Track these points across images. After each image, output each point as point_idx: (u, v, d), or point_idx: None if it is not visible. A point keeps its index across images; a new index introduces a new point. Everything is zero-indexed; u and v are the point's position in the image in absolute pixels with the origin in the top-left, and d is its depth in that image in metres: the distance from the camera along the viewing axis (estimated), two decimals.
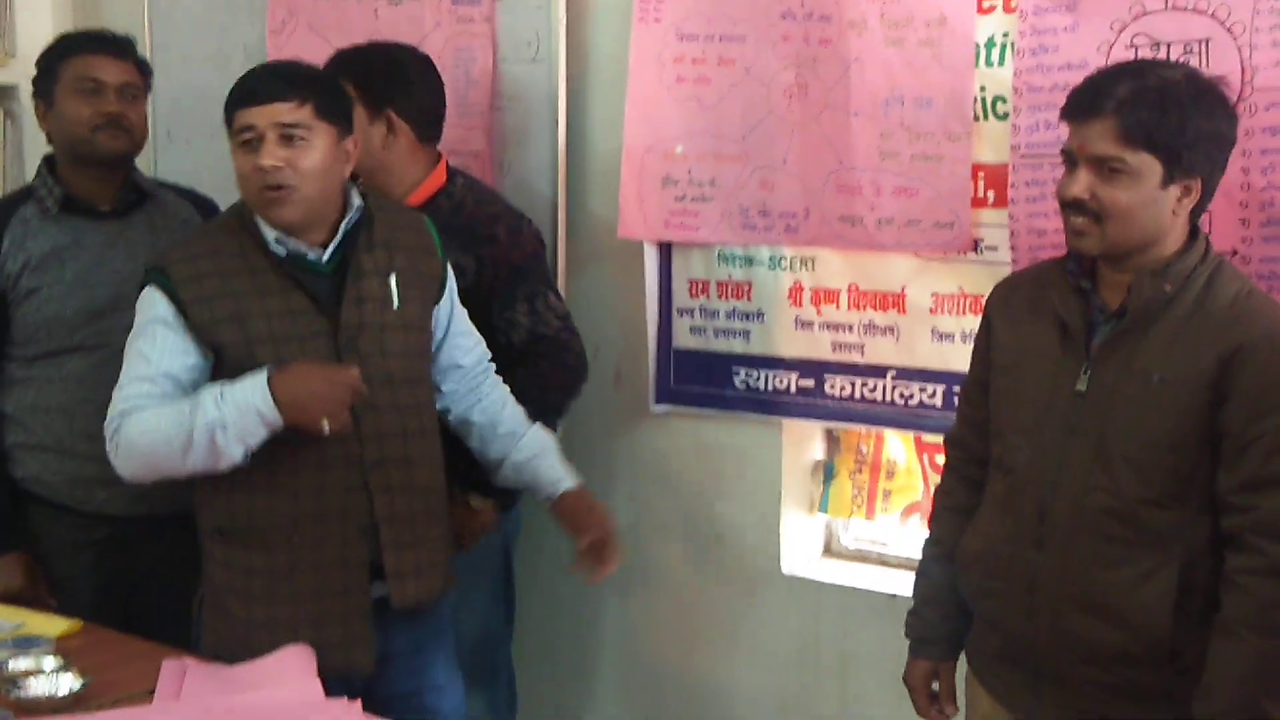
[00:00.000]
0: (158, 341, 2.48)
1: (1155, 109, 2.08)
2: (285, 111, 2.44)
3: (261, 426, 2.39)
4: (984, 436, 2.38)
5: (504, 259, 2.91)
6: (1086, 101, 2.14)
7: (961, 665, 2.49)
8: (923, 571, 2.51)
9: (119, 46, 3.05)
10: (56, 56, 3.00)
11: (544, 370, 2.98)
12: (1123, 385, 2.16)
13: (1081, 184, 2.14)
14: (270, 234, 2.50)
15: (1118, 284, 2.19)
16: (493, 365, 2.81)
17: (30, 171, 3.30)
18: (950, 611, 2.45)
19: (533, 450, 2.75)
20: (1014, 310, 2.34)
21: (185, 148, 3.05)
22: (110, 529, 2.99)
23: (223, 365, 2.49)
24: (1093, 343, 2.21)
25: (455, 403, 2.75)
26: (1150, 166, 2.10)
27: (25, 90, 3.47)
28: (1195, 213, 2.17)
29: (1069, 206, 2.16)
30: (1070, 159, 2.17)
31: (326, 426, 2.39)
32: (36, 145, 3.20)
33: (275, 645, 2.45)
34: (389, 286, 2.57)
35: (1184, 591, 2.15)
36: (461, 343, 2.73)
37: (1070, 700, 2.26)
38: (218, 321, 2.47)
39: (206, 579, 2.63)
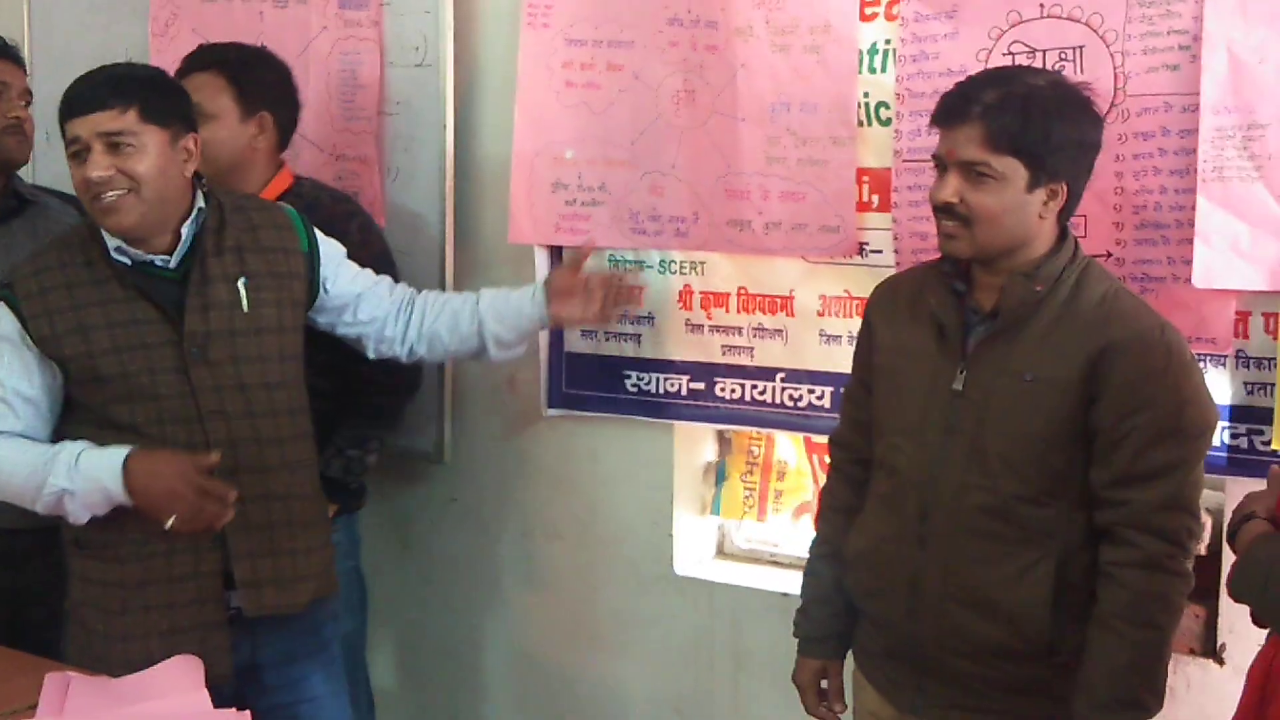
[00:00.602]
0: (4, 360, 2.49)
1: (1020, 115, 2.13)
2: (108, 120, 2.40)
3: (107, 504, 2.42)
4: (867, 436, 2.42)
5: (354, 256, 2.91)
6: (954, 108, 2.19)
7: (849, 662, 2.52)
8: (810, 571, 2.55)
9: (15, 53, 3.01)
10: None
11: (375, 377, 3.00)
12: (997, 384, 2.21)
13: (950, 188, 2.18)
14: (112, 243, 2.47)
15: (991, 285, 2.24)
16: (408, 288, 2.83)
17: None
18: (838, 610, 2.49)
19: (492, 301, 2.78)
20: (893, 312, 2.38)
21: (63, 150, 3.00)
22: (2, 542, 2.93)
23: (69, 378, 2.49)
24: (968, 343, 2.26)
25: (414, 337, 2.76)
26: (1016, 171, 2.15)
27: None
28: (1063, 215, 2.23)
29: (939, 210, 2.21)
30: (940, 164, 2.22)
31: (170, 523, 2.39)
32: None
33: (132, 658, 2.44)
34: (238, 291, 2.54)
35: (1061, 586, 2.20)
36: (372, 294, 2.73)
37: (953, 694, 2.30)
38: (60, 335, 2.46)
39: (70, 591, 2.61)
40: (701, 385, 3.11)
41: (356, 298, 2.73)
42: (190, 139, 2.51)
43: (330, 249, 2.72)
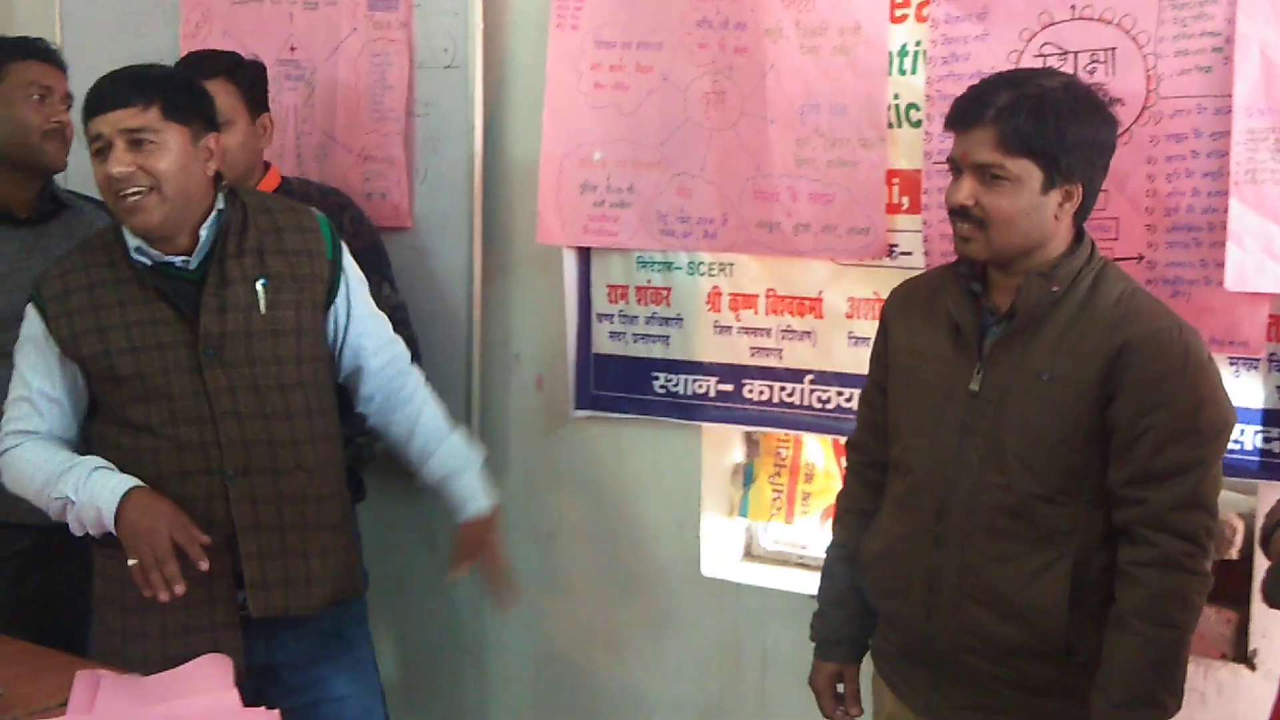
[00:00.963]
0: (30, 360, 2.54)
1: (1033, 116, 2.14)
2: (130, 117, 2.41)
3: (98, 526, 2.44)
4: (884, 439, 2.43)
5: (349, 246, 2.93)
6: (968, 111, 2.20)
7: (867, 665, 2.52)
8: (826, 574, 2.55)
9: (60, 58, 3.04)
10: (2, 58, 2.95)
11: None
12: (1014, 384, 2.22)
13: (966, 191, 2.19)
14: (132, 243, 2.48)
15: (1007, 286, 2.25)
16: (413, 370, 2.79)
17: None
18: (854, 613, 2.49)
19: (441, 472, 2.74)
20: (909, 314, 2.39)
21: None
22: (34, 539, 2.96)
23: (89, 377, 2.52)
24: (985, 344, 2.26)
25: (373, 411, 2.74)
26: (1030, 173, 2.15)
27: None
28: (1080, 216, 2.23)
29: (955, 213, 2.22)
30: (955, 167, 2.23)
31: (131, 562, 2.39)
32: None
33: (148, 656, 2.46)
34: (255, 293, 2.54)
35: (1078, 585, 2.20)
36: (364, 344, 2.69)
37: (971, 696, 2.31)
38: (78, 335, 2.49)
39: (94, 589, 2.64)
40: (730, 387, 3.11)
41: (347, 330, 2.69)
42: (212, 139, 2.52)
43: (355, 275, 2.70)
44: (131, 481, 2.44)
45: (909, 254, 2.83)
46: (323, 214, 2.71)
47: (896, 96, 2.81)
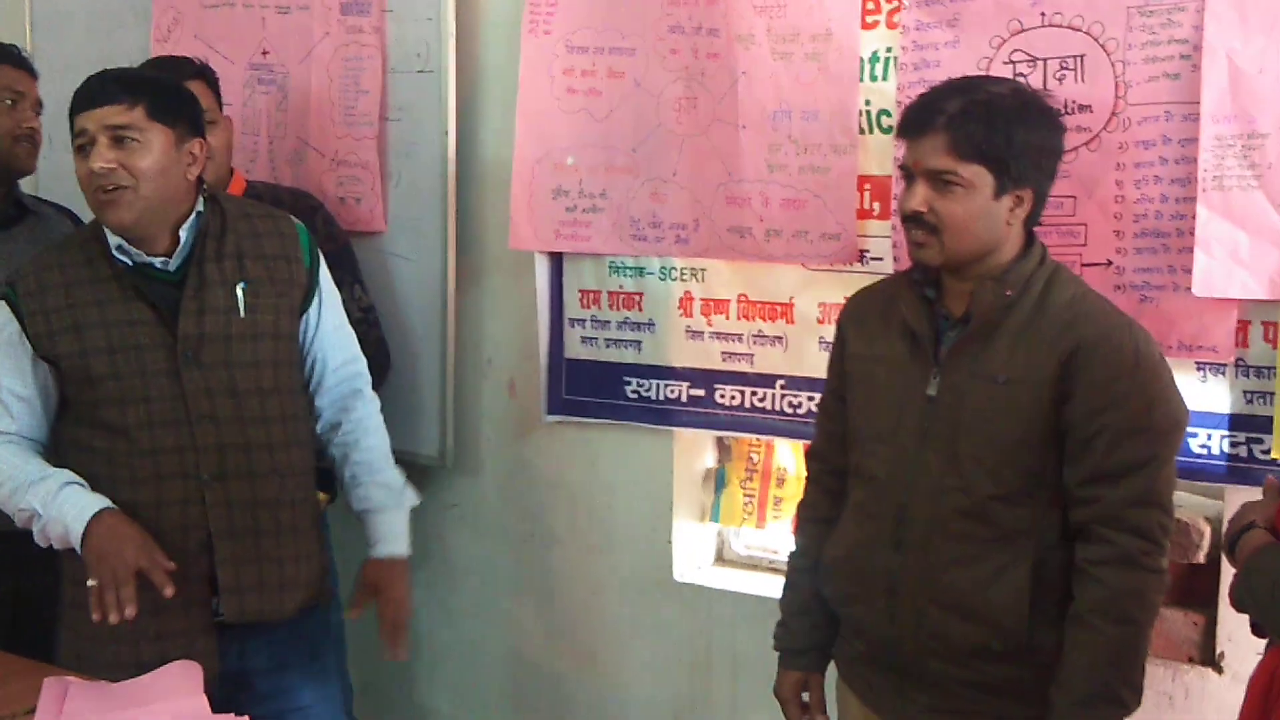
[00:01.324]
0: (1, 360, 2.50)
1: (983, 122, 2.16)
2: (115, 114, 2.42)
3: (62, 542, 2.44)
4: (842, 448, 2.44)
5: (321, 248, 2.92)
6: (919, 118, 2.22)
7: (832, 672, 2.53)
8: (789, 584, 2.56)
9: (31, 64, 3.04)
10: None
11: None
12: (970, 388, 2.23)
13: (919, 198, 2.21)
14: (114, 241, 2.48)
15: (961, 292, 2.27)
16: (365, 393, 2.77)
17: None
18: (817, 622, 2.50)
19: (368, 504, 2.73)
20: (865, 322, 2.41)
21: (66, 155, 3.00)
22: (3, 546, 2.93)
23: (63, 377, 2.49)
24: (940, 349, 2.28)
25: (320, 424, 2.73)
26: (982, 178, 2.18)
27: None
28: (1030, 221, 2.25)
29: (908, 220, 2.23)
30: (908, 174, 2.25)
31: (90, 583, 2.38)
32: None
33: (120, 661, 2.44)
34: (235, 296, 2.54)
35: (1038, 585, 2.22)
36: (326, 357, 2.69)
37: (935, 699, 2.32)
38: (54, 333, 2.47)
39: (62, 594, 2.61)
40: (701, 392, 3.11)
41: (313, 338, 2.68)
42: (195, 144, 2.52)
43: (329, 288, 2.70)
44: (102, 503, 2.42)
45: (880, 259, 2.84)
46: (301, 223, 2.71)
47: (868, 103, 2.82)
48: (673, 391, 3.14)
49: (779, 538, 3.27)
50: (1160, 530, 2.18)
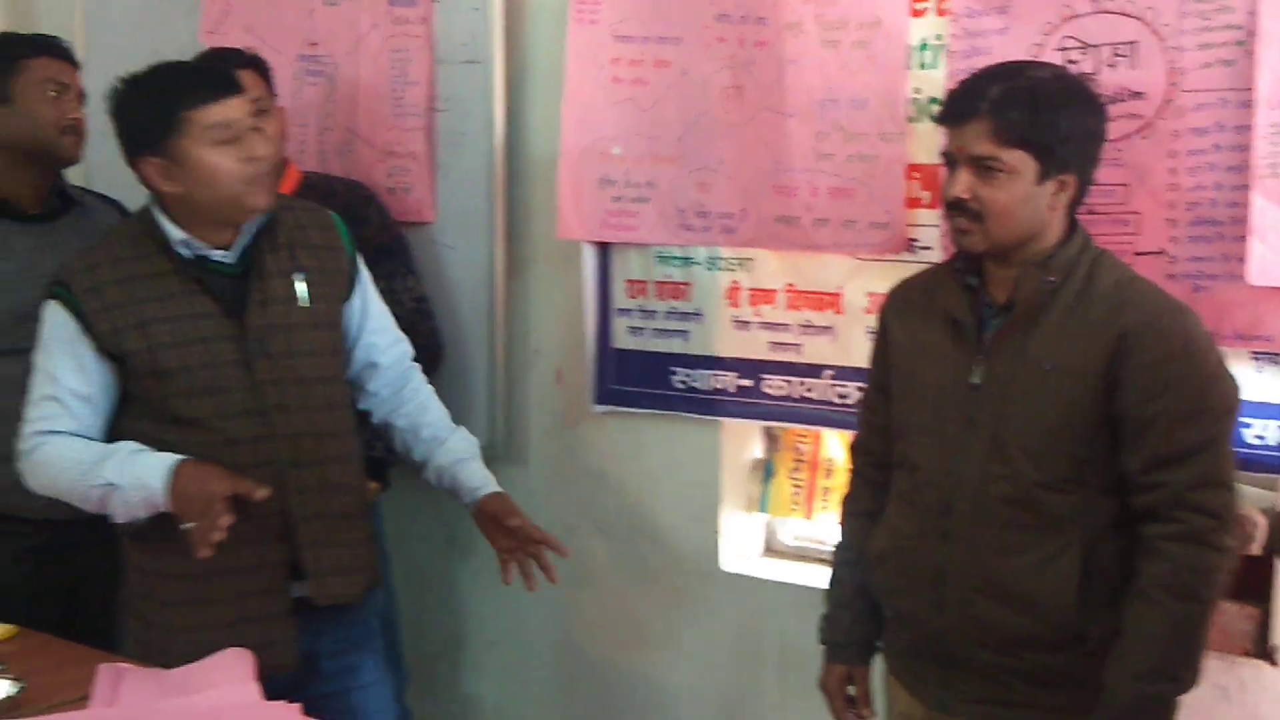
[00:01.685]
0: (61, 359, 2.49)
1: (1027, 108, 2.15)
2: (248, 104, 2.49)
3: (146, 506, 2.42)
4: (886, 440, 2.43)
5: (374, 239, 2.95)
6: (961, 105, 2.22)
7: (880, 664, 2.53)
8: (834, 577, 2.56)
9: (74, 54, 3.06)
10: (15, 55, 2.96)
11: None
12: (1015, 375, 2.22)
13: (962, 184, 2.20)
14: (178, 235, 2.49)
15: (1004, 279, 2.26)
16: (416, 366, 2.80)
17: None
18: (861, 615, 2.50)
19: (455, 455, 2.74)
20: (908, 313, 2.40)
21: (117, 146, 3.04)
22: (51, 534, 2.97)
23: (129, 373, 2.49)
24: (984, 337, 2.27)
25: (378, 406, 2.75)
26: (1025, 164, 2.17)
27: None
28: (1073, 206, 2.24)
29: (951, 207, 2.23)
30: (950, 161, 2.24)
31: (187, 527, 2.38)
32: None
33: (195, 649, 2.44)
34: (293, 286, 2.56)
35: (1087, 573, 2.21)
36: (376, 341, 2.71)
37: (981, 689, 2.31)
38: (120, 330, 2.46)
39: (127, 584, 2.62)
40: (749, 382, 3.10)
41: (362, 327, 2.72)
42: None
43: (366, 273, 2.73)
44: (175, 456, 2.42)
45: (929, 249, 2.82)
46: (334, 212, 2.73)
47: (917, 90, 2.80)
48: (720, 382, 3.14)
49: (827, 528, 3.26)
50: (1226, 508, 2.17)
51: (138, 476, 2.41)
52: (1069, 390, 2.19)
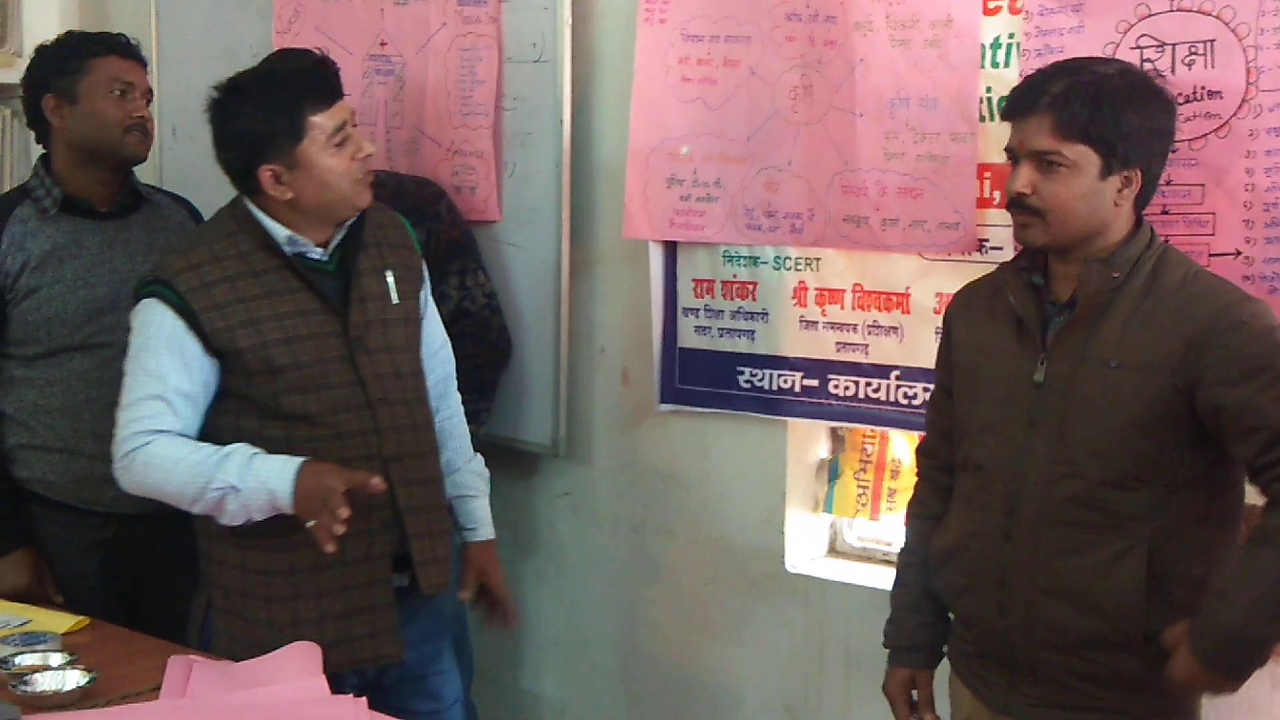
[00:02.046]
0: (166, 359, 2.48)
1: (1089, 102, 2.15)
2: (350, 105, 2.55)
3: (268, 508, 2.44)
4: (951, 443, 2.42)
5: (446, 235, 2.97)
6: (1024, 99, 2.22)
7: (945, 666, 2.51)
8: (899, 580, 2.55)
9: (140, 54, 3.09)
10: (82, 55, 3.00)
11: (469, 349, 3.08)
12: (1079, 373, 2.21)
13: (1023, 179, 2.20)
14: (282, 233, 2.51)
15: (1067, 276, 2.25)
16: (454, 381, 2.84)
17: None
18: (927, 619, 2.49)
19: (461, 490, 2.80)
20: (972, 314, 2.39)
21: (190, 144, 3.08)
22: (118, 527, 3.01)
23: (240, 370, 2.50)
24: (1048, 335, 2.25)
25: None
26: (1088, 159, 2.16)
27: None
28: (1140, 202, 2.23)
29: (1014, 202, 2.23)
30: (1013, 156, 2.24)
31: (311, 524, 2.40)
32: None
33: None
34: (386, 283, 2.60)
35: (1154, 573, 2.17)
36: (429, 340, 2.75)
37: (1048, 692, 2.29)
38: (233, 328, 2.48)
39: (214, 583, 2.62)
40: (815, 382, 3.09)
41: (421, 327, 2.76)
42: None
43: (429, 290, 2.79)
44: (297, 459, 2.44)
45: (999, 249, 2.79)
46: (406, 209, 2.79)
47: (989, 90, 2.77)
48: (786, 381, 3.13)
49: (893, 529, 3.23)
50: None
51: (261, 480, 2.42)
52: (1137, 387, 2.16)
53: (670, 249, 3.23)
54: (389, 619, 2.57)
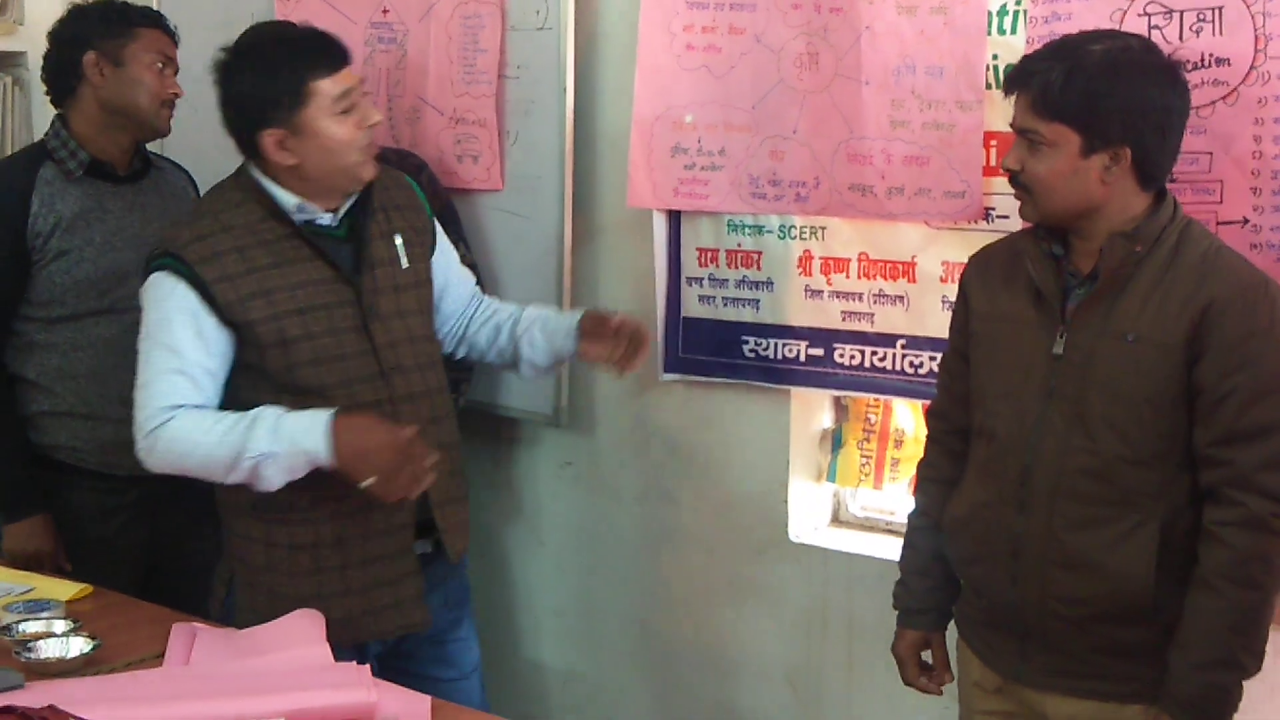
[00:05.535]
0: (181, 332, 2.45)
1: (1066, 80, 2.16)
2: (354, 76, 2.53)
3: (308, 467, 2.41)
4: (965, 407, 2.42)
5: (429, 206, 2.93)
6: (1013, 78, 2.25)
7: (952, 632, 2.52)
8: (909, 543, 2.56)
9: (176, 33, 3.12)
10: (132, 21, 3.03)
11: None
12: (1099, 346, 2.20)
13: (1013, 156, 2.24)
14: (291, 201, 2.50)
15: (1088, 249, 2.24)
16: (476, 290, 2.90)
17: (37, 137, 3.32)
18: (938, 582, 2.50)
19: (531, 323, 2.79)
20: (989, 280, 2.38)
21: (190, 114, 3.08)
22: (140, 491, 3.04)
23: (253, 343, 2.47)
24: (1067, 307, 2.25)
25: (476, 331, 2.83)
26: (1067, 138, 2.17)
27: (34, 58, 3.49)
28: (1145, 178, 2.20)
29: (1010, 178, 2.26)
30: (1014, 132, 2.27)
31: (367, 483, 2.38)
32: (46, 111, 3.21)
33: (329, 617, 2.45)
34: (395, 247, 2.59)
35: (1165, 548, 2.18)
36: (462, 289, 2.80)
37: (1057, 661, 2.30)
38: (244, 300, 2.45)
39: (238, 559, 2.60)
40: (820, 351, 3.08)
41: (445, 284, 2.77)
42: None
43: (440, 228, 2.79)
44: (323, 413, 2.41)
45: (1005, 217, 2.78)
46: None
47: (995, 57, 2.76)
48: (791, 351, 3.12)
49: (896, 499, 3.24)
50: None
51: (294, 441, 2.39)
52: (1152, 362, 2.16)
53: (674, 218, 3.22)
54: (414, 588, 2.57)
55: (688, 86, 3.11)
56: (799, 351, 3.11)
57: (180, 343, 2.45)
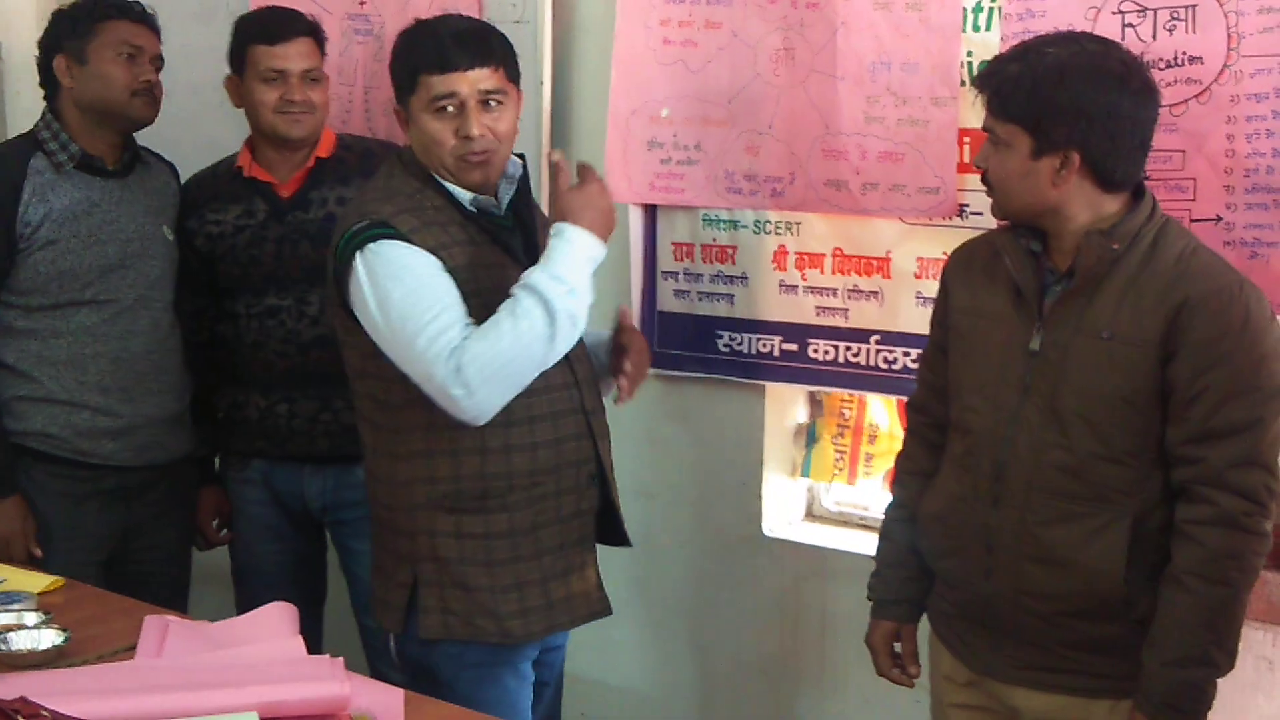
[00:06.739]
0: (435, 278, 2.39)
1: (1015, 83, 2.17)
2: (486, 78, 2.44)
3: (591, 269, 2.42)
4: (943, 401, 2.43)
5: None
6: (979, 77, 2.28)
7: (924, 625, 2.52)
8: (885, 535, 2.56)
9: (154, 20, 3.10)
10: (94, 17, 3.01)
11: None
12: (1075, 343, 2.21)
13: (982, 154, 2.26)
14: (465, 195, 2.49)
15: (1065, 247, 2.24)
16: None
17: (12, 129, 3.30)
18: (913, 574, 2.50)
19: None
20: (969, 275, 2.39)
21: (167, 103, 3.07)
22: (116, 479, 3.04)
23: None
24: (1045, 303, 2.26)
25: None
26: (1019, 138, 2.18)
27: (6, 48, 3.47)
28: (1105, 181, 2.18)
29: (981, 175, 2.29)
30: None
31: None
32: (18, 102, 3.20)
33: (525, 604, 2.47)
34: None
35: (1137, 544, 2.20)
36: None
37: (1028, 655, 2.31)
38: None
39: (424, 556, 2.50)
40: (794, 346, 3.09)
41: None
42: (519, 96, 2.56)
43: None
44: (562, 230, 2.41)
45: (979, 214, 2.79)
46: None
47: (970, 54, 2.77)
48: (765, 346, 3.13)
49: (870, 494, 3.25)
50: (1265, 492, 2.15)
51: (573, 266, 2.38)
52: (1128, 360, 2.17)
53: (650, 212, 3.22)
54: (597, 574, 2.59)
55: (664, 81, 3.12)
56: (773, 346, 3.11)
57: (437, 287, 2.38)
